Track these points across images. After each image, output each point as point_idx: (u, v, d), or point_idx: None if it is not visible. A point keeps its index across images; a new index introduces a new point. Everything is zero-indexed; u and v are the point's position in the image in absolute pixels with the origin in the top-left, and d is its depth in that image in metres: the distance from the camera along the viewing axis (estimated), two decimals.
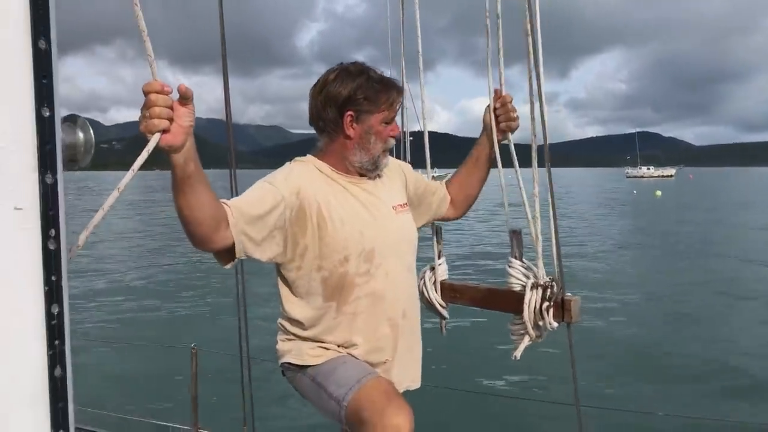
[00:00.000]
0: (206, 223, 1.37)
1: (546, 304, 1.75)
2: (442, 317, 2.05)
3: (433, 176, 2.13)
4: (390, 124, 1.70)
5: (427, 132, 2.10)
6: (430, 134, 2.11)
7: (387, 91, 1.67)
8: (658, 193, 47.90)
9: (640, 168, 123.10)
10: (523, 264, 1.84)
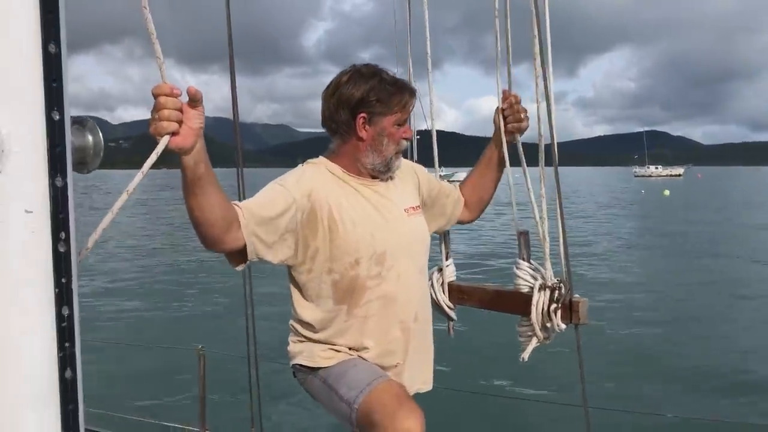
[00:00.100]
0: (217, 224, 1.38)
1: (554, 306, 1.75)
2: (450, 319, 2.05)
3: (440, 175, 2.12)
4: (402, 126, 1.70)
5: (434, 130, 2.09)
6: (437, 133, 2.10)
7: (400, 93, 1.67)
8: (666, 193, 47.55)
9: (648, 167, 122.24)
10: (531, 265, 1.83)
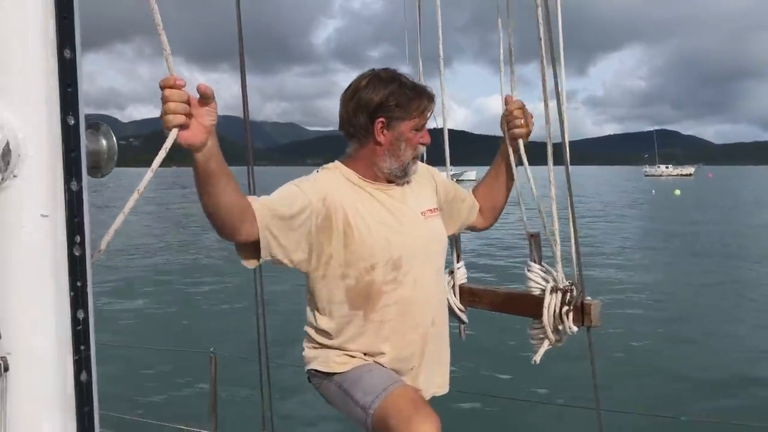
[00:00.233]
0: (230, 218, 1.39)
1: (566, 308, 1.74)
2: (461, 321, 2.05)
3: (450, 174, 2.12)
4: (420, 131, 1.69)
5: (446, 130, 2.08)
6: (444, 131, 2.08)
7: (419, 99, 1.67)
8: (677, 192, 47.11)
9: (659, 166, 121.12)
10: (542, 267, 1.82)
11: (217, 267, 13.19)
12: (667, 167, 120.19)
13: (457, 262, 2.05)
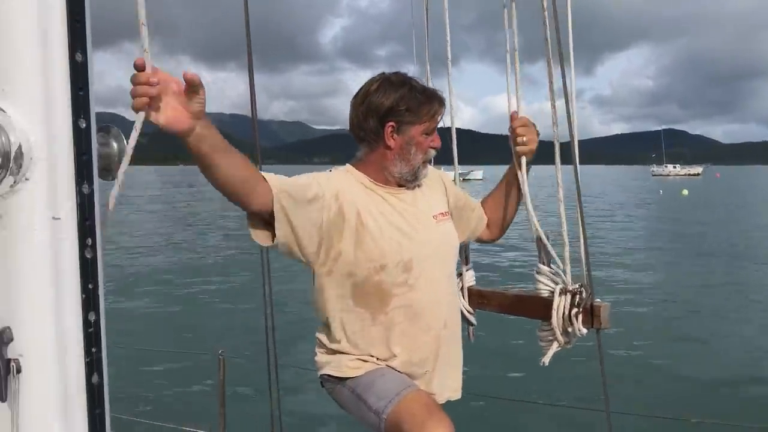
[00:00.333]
0: (234, 190, 1.39)
1: (575, 311, 1.73)
2: (470, 324, 2.04)
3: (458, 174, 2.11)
4: (431, 135, 1.69)
5: (454, 129, 2.08)
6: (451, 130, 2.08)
7: (429, 103, 1.66)
8: (685, 192, 46.80)
9: (666, 166, 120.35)
10: (551, 270, 1.81)
11: (223, 266, 13.21)
12: (675, 167, 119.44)
13: (466, 265, 2.04)
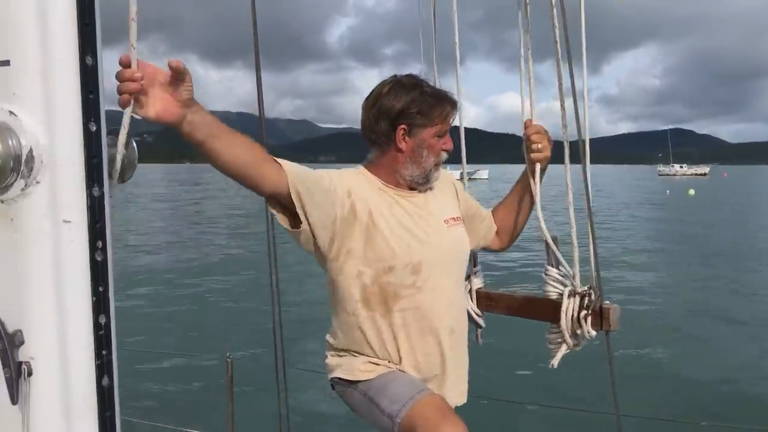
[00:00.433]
0: (238, 172, 1.37)
1: (584, 313, 1.72)
2: (478, 326, 2.03)
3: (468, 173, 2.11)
4: (443, 138, 1.68)
5: (463, 128, 2.07)
6: (458, 129, 2.06)
7: (441, 105, 1.65)
8: (692, 192, 46.49)
9: (673, 166, 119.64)
10: (560, 272, 1.80)
11: (228, 264, 13.23)
12: (682, 167, 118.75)
13: (474, 267, 2.03)
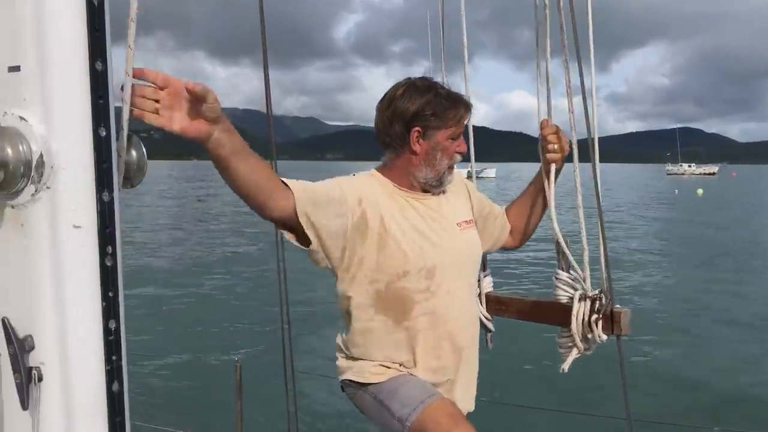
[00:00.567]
0: (252, 194, 1.37)
1: (595, 317, 1.70)
2: (488, 330, 2.02)
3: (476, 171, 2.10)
4: (456, 140, 1.68)
5: (471, 126, 2.06)
6: (467, 127, 2.06)
7: (455, 107, 1.65)
8: (700, 192, 46.15)
9: (681, 165, 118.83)
10: (570, 275, 1.79)
11: (233, 263, 13.23)
12: (690, 166, 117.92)
13: (484, 270, 2.02)
